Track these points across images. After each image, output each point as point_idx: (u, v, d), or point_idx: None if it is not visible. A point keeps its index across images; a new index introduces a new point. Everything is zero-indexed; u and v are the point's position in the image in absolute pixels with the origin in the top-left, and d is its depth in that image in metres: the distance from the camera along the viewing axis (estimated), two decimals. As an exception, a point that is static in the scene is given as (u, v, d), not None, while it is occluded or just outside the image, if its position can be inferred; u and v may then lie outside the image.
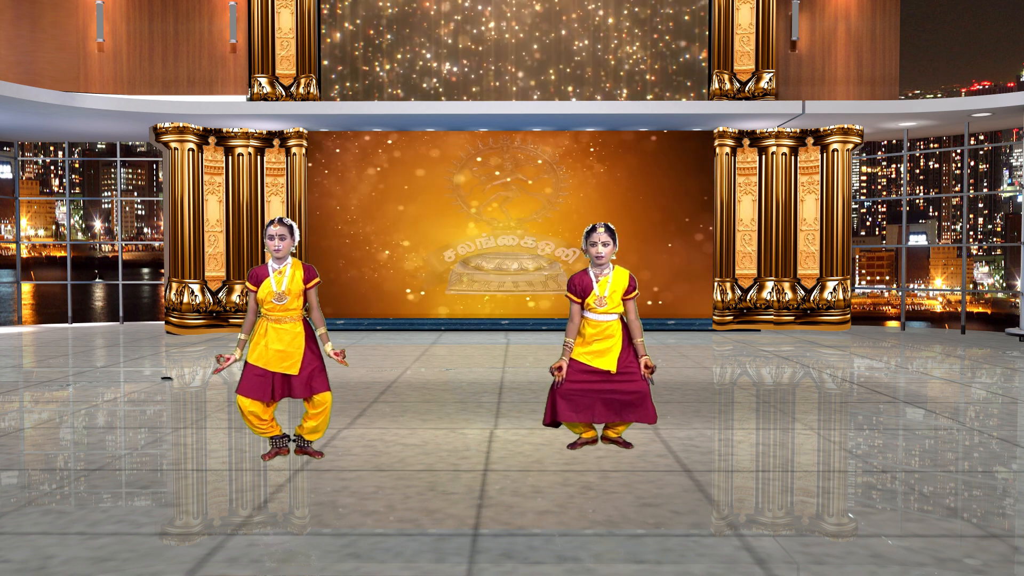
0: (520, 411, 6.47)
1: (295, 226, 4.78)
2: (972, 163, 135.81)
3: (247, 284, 4.74)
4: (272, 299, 4.62)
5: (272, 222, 4.70)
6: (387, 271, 13.84)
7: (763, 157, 13.49)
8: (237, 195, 13.37)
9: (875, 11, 13.58)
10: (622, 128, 13.57)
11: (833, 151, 13.23)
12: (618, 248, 4.72)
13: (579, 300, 4.75)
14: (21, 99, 11.36)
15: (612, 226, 4.79)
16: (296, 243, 4.75)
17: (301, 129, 13.25)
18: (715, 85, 13.06)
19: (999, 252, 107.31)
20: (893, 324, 17.44)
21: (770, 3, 12.98)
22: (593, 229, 4.70)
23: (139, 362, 9.65)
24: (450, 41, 13.45)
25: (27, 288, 53.26)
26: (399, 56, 13.44)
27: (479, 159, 13.77)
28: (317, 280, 4.77)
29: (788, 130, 13.34)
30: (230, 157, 13.36)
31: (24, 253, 19.42)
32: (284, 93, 12.98)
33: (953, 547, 3.43)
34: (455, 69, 13.48)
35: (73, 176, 21.50)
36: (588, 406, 4.74)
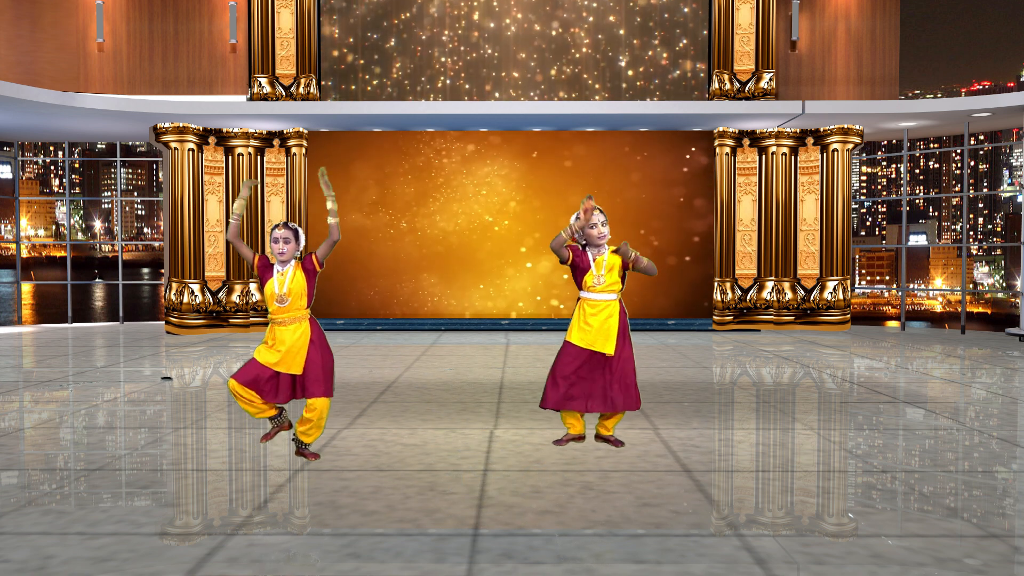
0: (520, 411, 6.47)
1: (300, 230, 4.78)
2: (972, 163, 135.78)
3: (255, 266, 4.69)
4: (275, 301, 4.62)
5: (277, 226, 4.71)
6: (387, 271, 13.84)
7: (763, 157, 13.49)
8: (236, 195, 13.36)
9: (875, 11, 13.58)
10: (622, 128, 13.57)
11: (833, 151, 13.23)
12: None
13: (568, 256, 4.77)
14: (21, 99, 11.36)
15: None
16: (301, 247, 4.75)
17: (301, 129, 13.25)
18: (715, 85, 13.06)
19: (999, 252, 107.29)
20: (893, 324, 17.43)
21: (770, 3, 12.98)
22: None
23: (139, 362, 9.65)
24: (451, 41, 13.45)
25: (27, 288, 53.25)
26: (399, 56, 13.44)
27: (479, 159, 13.78)
28: (316, 254, 4.74)
29: (788, 130, 13.34)
30: (230, 157, 13.36)
31: (24, 253, 19.41)
32: (284, 93, 12.98)
33: (953, 547, 3.43)
34: (455, 69, 13.48)
35: (73, 176, 21.49)
36: (582, 396, 4.75)
